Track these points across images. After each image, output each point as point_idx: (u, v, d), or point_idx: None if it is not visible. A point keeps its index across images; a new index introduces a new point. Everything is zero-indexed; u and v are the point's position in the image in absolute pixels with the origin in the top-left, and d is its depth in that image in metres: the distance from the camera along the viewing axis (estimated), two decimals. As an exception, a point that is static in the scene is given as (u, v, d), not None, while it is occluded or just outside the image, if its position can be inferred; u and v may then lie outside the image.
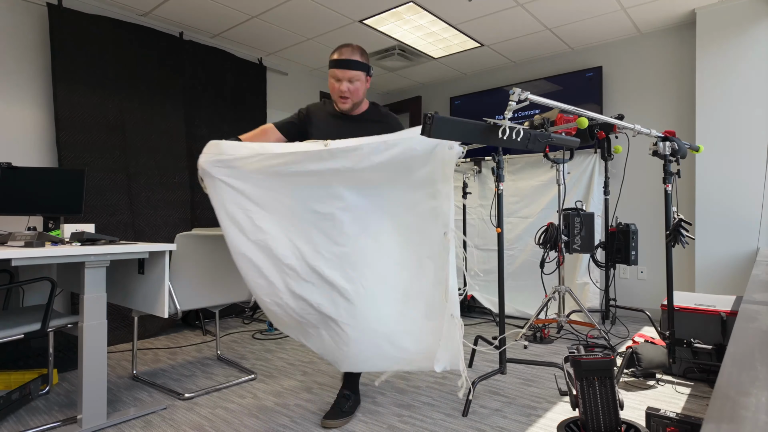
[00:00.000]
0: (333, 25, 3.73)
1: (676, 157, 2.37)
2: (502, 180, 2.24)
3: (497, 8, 3.42)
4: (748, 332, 1.08)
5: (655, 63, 3.85)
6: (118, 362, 2.80)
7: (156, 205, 3.52)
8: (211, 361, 2.84)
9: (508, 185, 4.12)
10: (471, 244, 4.31)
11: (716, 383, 0.78)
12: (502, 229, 2.25)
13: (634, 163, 3.81)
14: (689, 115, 3.65)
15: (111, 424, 1.95)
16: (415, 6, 3.39)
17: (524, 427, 1.91)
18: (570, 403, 1.65)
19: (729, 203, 3.31)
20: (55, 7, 3.04)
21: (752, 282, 1.89)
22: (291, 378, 2.53)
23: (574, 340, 3.16)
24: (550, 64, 4.40)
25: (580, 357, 1.58)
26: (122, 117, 3.35)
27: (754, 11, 3.23)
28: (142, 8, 3.42)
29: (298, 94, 4.82)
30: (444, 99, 5.19)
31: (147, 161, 3.48)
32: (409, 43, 4.09)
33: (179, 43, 3.72)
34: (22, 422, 1.99)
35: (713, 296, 2.66)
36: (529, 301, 3.83)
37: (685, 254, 3.63)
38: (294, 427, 1.94)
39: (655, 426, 1.67)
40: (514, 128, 1.90)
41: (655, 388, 2.29)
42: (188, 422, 2.00)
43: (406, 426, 1.94)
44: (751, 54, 3.23)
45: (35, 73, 3.07)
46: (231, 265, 2.52)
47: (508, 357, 2.34)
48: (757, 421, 0.59)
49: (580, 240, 3.14)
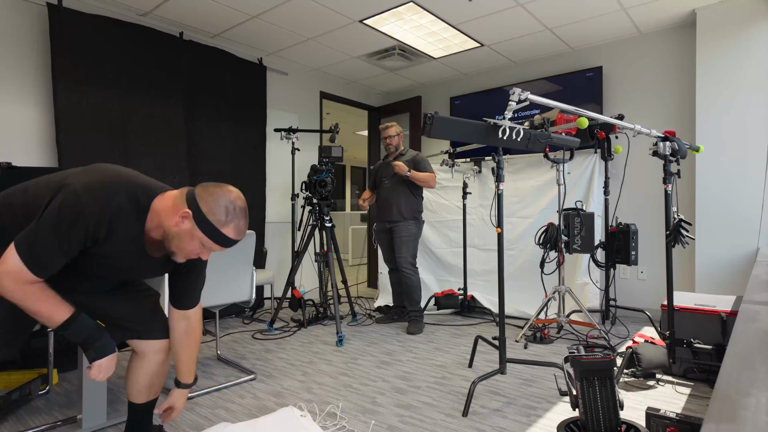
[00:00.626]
0: (333, 25, 3.73)
1: (676, 157, 2.37)
2: (502, 180, 2.24)
3: (497, 8, 3.42)
4: (748, 332, 1.08)
5: (655, 63, 3.85)
6: (118, 362, 2.79)
7: (156, 205, 3.52)
8: (211, 361, 2.84)
9: (508, 185, 4.12)
10: (471, 245, 4.30)
11: (716, 383, 0.78)
12: (502, 230, 2.25)
13: (634, 163, 3.81)
14: (689, 115, 3.65)
15: (111, 424, 1.95)
16: (415, 6, 3.39)
17: (524, 427, 1.91)
18: (570, 403, 1.65)
19: (729, 203, 3.31)
20: (55, 7, 3.04)
21: (752, 282, 1.89)
22: (291, 378, 2.53)
23: (574, 340, 3.16)
24: (550, 64, 4.40)
25: (580, 357, 1.58)
26: (122, 117, 3.35)
27: (754, 11, 3.23)
28: (142, 8, 3.42)
29: (298, 94, 4.82)
30: (444, 99, 5.19)
31: (147, 161, 3.48)
32: (409, 43, 4.09)
33: (179, 43, 3.72)
34: (22, 422, 1.99)
35: (713, 296, 2.66)
36: (529, 301, 3.83)
37: (685, 254, 3.63)
38: (294, 427, 1.94)
39: (655, 426, 1.67)
40: (514, 128, 1.90)
41: (655, 388, 2.29)
42: (188, 422, 2.00)
43: (406, 426, 1.94)
44: (751, 54, 3.23)
45: (35, 73, 3.07)
46: (231, 265, 2.52)
47: (508, 357, 2.34)
48: (757, 421, 0.59)
49: (580, 240, 3.14)
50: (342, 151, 3.70)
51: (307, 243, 3.67)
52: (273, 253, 4.52)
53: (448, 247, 4.45)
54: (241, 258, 2.52)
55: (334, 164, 3.70)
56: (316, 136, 5.01)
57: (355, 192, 12.10)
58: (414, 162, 3.59)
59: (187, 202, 1.33)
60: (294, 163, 4.21)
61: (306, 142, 4.83)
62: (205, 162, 3.90)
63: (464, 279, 4.14)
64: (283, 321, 3.89)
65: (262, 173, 4.37)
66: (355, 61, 4.59)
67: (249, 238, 2.52)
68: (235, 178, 4.12)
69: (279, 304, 3.58)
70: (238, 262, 2.52)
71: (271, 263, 4.48)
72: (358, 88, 5.49)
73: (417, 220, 3.62)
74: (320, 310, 3.94)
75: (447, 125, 1.71)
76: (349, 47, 4.22)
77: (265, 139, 4.38)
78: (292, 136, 4.09)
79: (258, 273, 3.70)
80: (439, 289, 4.27)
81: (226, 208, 1.32)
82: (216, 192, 1.35)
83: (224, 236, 1.33)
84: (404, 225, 3.56)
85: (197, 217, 1.31)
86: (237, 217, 1.34)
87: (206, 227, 1.31)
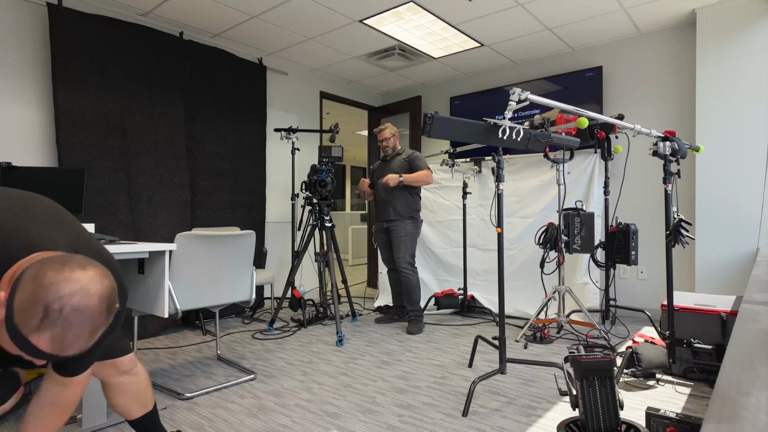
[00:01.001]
0: (333, 25, 3.74)
1: (676, 157, 2.37)
2: (502, 180, 2.24)
3: (497, 8, 3.42)
4: (748, 332, 1.08)
5: (655, 63, 3.85)
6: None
7: (156, 205, 3.52)
8: (211, 360, 2.84)
9: (508, 185, 4.12)
10: (471, 245, 4.30)
11: (716, 383, 0.77)
12: (502, 229, 2.25)
13: (634, 163, 3.81)
14: (689, 115, 3.65)
15: (111, 423, 1.95)
16: (415, 6, 3.39)
17: (524, 427, 1.91)
18: (570, 403, 1.65)
19: (729, 203, 3.31)
20: (55, 7, 3.04)
21: (752, 282, 1.89)
22: (291, 378, 2.53)
23: (574, 340, 3.16)
24: (550, 64, 4.40)
25: (580, 357, 1.58)
26: (122, 117, 3.35)
27: (754, 11, 3.23)
28: (142, 8, 3.42)
29: (298, 94, 4.82)
30: (444, 99, 5.19)
31: (147, 161, 3.48)
32: (409, 43, 4.09)
33: (179, 43, 3.72)
34: (22, 422, 1.99)
35: (713, 296, 2.66)
36: (529, 301, 3.83)
37: (685, 254, 3.63)
38: (294, 427, 1.94)
39: (655, 426, 1.67)
40: (514, 128, 1.90)
41: (655, 388, 2.29)
42: (188, 422, 2.00)
43: (406, 426, 1.94)
44: (751, 54, 3.23)
45: (35, 73, 3.07)
46: (231, 265, 2.52)
47: (508, 357, 2.34)
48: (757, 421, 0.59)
49: (580, 240, 3.14)
50: (342, 151, 3.70)
51: (307, 243, 3.67)
52: (273, 253, 4.53)
53: (448, 247, 4.45)
54: (241, 258, 2.52)
55: (334, 164, 3.70)
56: (316, 136, 5.01)
57: (355, 192, 12.10)
58: (409, 161, 3.59)
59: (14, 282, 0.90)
60: (294, 163, 4.21)
61: (306, 142, 4.83)
62: (205, 162, 3.90)
63: (464, 279, 4.14)
64: (283, 321, 3.89)
65: (262, 173, 4.38)
66: (355, 61, 4.59)
67: (249, 237, 2.52)
68: (235, 178, 4.12)
69: (279, 304, 3.58)
70: (238, 262, 2.52)
71: (271, 263, 4.48)
72: (357, 88, 5.49)
73: (415, 219, 3.62)
74: (320, 310, 3.94)
75: (447, 125, 1.71)
76: (349, 47, 4.22)
77: (265, 139, 4.38)
78: (292, 136, 4.09)
79: (258, 273, 3.70)
80: (439, 289, 4.28)
81: (46, 307, 0.87)
82: (44, 278, 0.88)
83: (33, 347, 0.88)
84: (401, 224, 3.56)
85: (7, 310, 0.88)
86: (60, 324, 0.87)
87: (9, 326, 0.87)
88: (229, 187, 4.07)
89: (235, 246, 2.45)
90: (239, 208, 4.16)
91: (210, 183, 3.93)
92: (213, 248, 2.36)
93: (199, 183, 3.86)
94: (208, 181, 3.92)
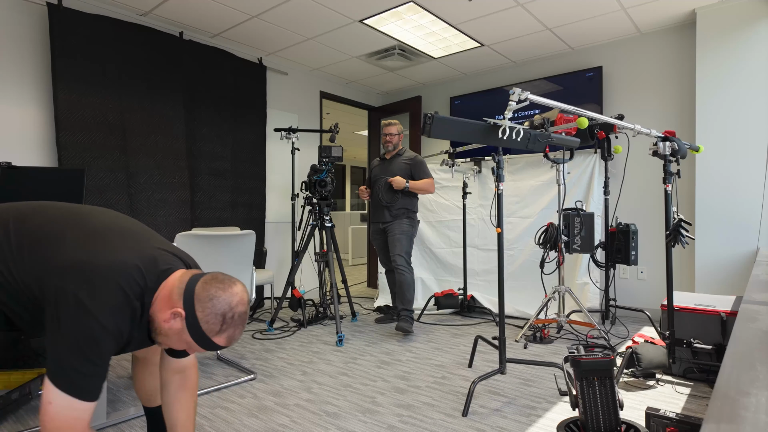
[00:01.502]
0: (333, 25, 3.73)
1: (676, 157, 2.37)
2: (502, 180, 2.24)
3: (497, 8, 3.42)
4: (748, 332, 1.08)
5: (655, 63, 3.85)
6: (117, 362, 2.79)
7: (156, 205, 3.52)
8: (211, 360, 2.84)
9: (508, 185, 4.12)
10: (471, 245, 4.31)
11: (716, 383, 0.78)
12: (502, 229, 2.25)
13: (634, 163, 3.81)
14: (689, 115, 3.65)
15: (111, 423, 1.95)
16: (415, 6, 3.39)
17: (524, 427, 1.91)
18: (570, 403, 1.65)
19: (729, 203, 3.31)
20: (55, 7, 3.04)
21: (752, 282, 1.89)
22: (291, 378, 2.53)
23: (574, 340, 3.16)
24: (550, 64, 4.40)
25: (580, 357, 1.58)
26: (122, 117, 3.35)
27: (754, 11, 3.23)
28: (142, 8, 3.42)
29: (298, 94, 4.82)
30: (444, 99, 5.19)
31: (147, 161, 3.48)
32: (409, 43, 4.09)
33: (179, 43, 3.72)
34: (21, 422, 1.99)
35: (713, 296, 2.66)
36: (529, 301, 3.83)
37: (685, 254, 3.63)
38: (294, 427, 1.94)
39: (654, 426, 1.67)
40: (514, 128, 1.90)
41: (654, 388, 2.29)
42: (188, 422, 2.00)
43: (406, 426, 1.94)
44: (751, 54, 3.23)
45: (35, 73, 3.07)
46: (231, 264, 2.52)
47: (507, 357, 2.34)
48: (757, 421, 0.59)
49: (580, 240, 3.14)
50: (342, 151, 3.70)
51: (307, 243, 3.67)
52: (273, 253, 4.53)
53: (447, 247, 4.45)
54: (241, 258, 2.52)
55: (334, 164, 3.70)
56: (316, 136, 5.01)
57: (355, 192, 12.10)
58: (412, 164, 3.58)
59: (184, 299, 1.17)
60: (294, 162, 4.21)
61: (306, 142, 4.83)
62: (205, 162, 3.90)
63: (464, 279, 4.14)
64: (283, 321, 3.89)
65: (262, 173, 4.38)
66: (355, 61, 4.59)
67: (249, 237, 2.52)
68: (235, 178, 4.12)
69: (279, 303, 3.58)
70: (238, 262, 2.52)
71: (271, 263, 4.48)
72: (358, 88, 5.49)
73: (411, 219, 3.60)
74: (320, 310, 3.94)
75: (447, 125, 1.71)
76: (349, 47, 4.22)
77: (265, 139, 4.38)
78: (292, 135, 4.09)
79: (258, 273, 3.70)
80: (438, 289, 4.27)
81: (224, 316, 1.18)
82: (217, 296, 1.18)
83: (214, 344, 1.20)
84: (397, 223, 3.54)
85: (189, 321, 1.16)
86: (233, 326, 1.20)
87: (196, 334, 1.17)
88: (229, 187, 4.08)
89: (234, 246, 2.45)
90: (239, 208, 4.16)
91: (210, 183, 3.93)
92: (213, 248, 2.36)
93: (199, 183, 3.86)
94: (208, 181, 3.92)
